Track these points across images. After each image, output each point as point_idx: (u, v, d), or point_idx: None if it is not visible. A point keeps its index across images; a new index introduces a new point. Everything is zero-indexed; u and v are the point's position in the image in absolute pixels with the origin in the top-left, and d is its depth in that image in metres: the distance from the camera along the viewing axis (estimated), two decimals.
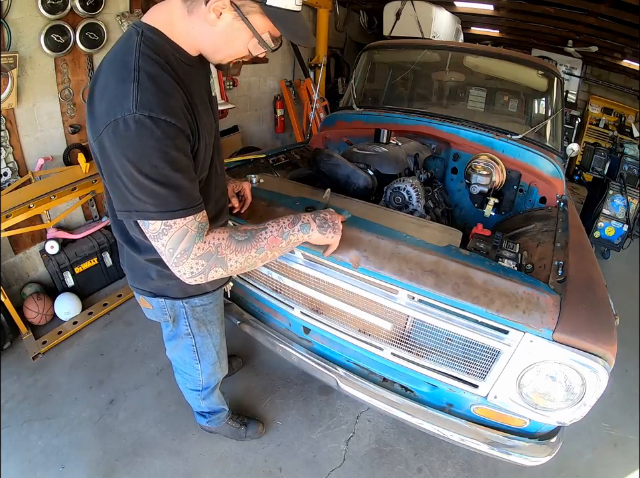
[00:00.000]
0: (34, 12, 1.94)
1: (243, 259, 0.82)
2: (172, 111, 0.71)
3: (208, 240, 0.79)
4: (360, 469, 1.59)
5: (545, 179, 1.74)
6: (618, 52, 4.29)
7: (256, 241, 0.84)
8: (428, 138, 1.99)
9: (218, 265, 0.80)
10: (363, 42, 4.87)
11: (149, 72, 0.71)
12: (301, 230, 0.91)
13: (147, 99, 0.68)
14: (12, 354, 2.00)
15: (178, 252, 0.76)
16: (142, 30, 0.75)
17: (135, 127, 0.67)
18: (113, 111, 0.68)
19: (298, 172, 1.92)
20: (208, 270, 0.79)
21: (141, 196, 0.71)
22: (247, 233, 0.84)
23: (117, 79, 0.70)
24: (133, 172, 0.69)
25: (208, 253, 0.78)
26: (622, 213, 3.28)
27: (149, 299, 1.06)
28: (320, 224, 0.94)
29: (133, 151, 0.68)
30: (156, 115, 0.68)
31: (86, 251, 2.36)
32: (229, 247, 0.80)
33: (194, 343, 1.18)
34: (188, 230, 0.76)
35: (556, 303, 0.98)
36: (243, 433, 1.62)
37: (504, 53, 2.32)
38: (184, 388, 1.42)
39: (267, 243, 0.85)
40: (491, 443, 1.15)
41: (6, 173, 2.06)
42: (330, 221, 0.96)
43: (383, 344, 1.20)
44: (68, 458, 1.54)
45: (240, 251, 0.81)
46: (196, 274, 0.79)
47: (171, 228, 0.74)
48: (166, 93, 0.71)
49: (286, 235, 0.88)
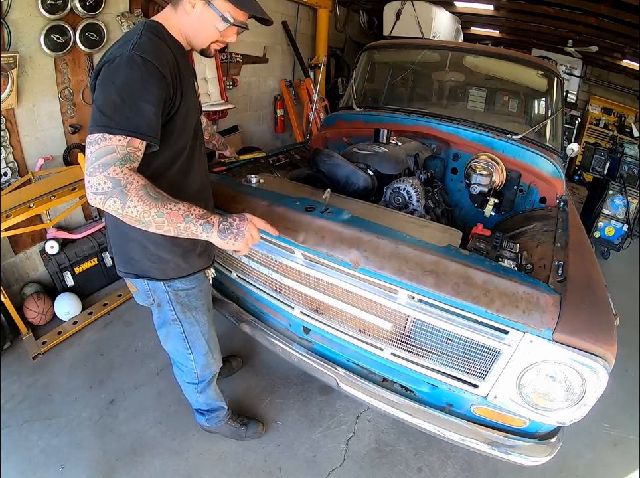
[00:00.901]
0: (34, 12, 1.94)
1: (142, 210, 0.83)
2: (160, 60, 0.87)
3: (125, 172, 0.82)
4: (360, 469, 1.59)
5: (545, 179, 1.74)
6: (618, 52, 4.29)
7: (161, 205, 0.85)
8: (428, 138, 1.99)
9: (119, 198, 0.82)
10: (363, 42, 4.88)
11: (150, 36, 0.90)
12: (202, 226, 0.92)
13: (141, 46, 0.86)
14: (12, 354, 2.00)
15: (97, 163, 0.81)
16: (146, 22, 0.96)
17: (127, 60, 0.84)
18: (115, 52, 0.86)
19: (298, 172, 1.92)
20: (108, 196, 0.82)
21: (110, 113, 0.82)
22: (161, 195, 0.86)
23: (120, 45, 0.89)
24: (111, 94, 0.83)
25: (117, 180, 0.81)
26: (622, 213, 3.28)
27: (134, 281, 1.13)
28: (222, 228, 0.94)
29: (119, 76, 0.84)
30: (146, 56, 0.85)
31: (86, 251, 2.37)
32: (137, 191, 0.82)
33: (183, 330, 1.22)
34: (115, 150, 0.82)
35: (556, 303, 0.97)
36: (243, 433, 1.62)
37: (504, 53, 2.32)
38: (181, 381, 1.45)
39: (169, 214, 0.86)
40: (491, 443, 1.15)
41: (6, 173, 2.06)
42: (235, 227, 0.95)
43: (383, 344, 1.20)
44: (68, 458, 1.54)
45: (144, 201, 0.83)
46: (99, 193, 0.82)
47: (105, 141, 0.82)
48: (159, 49, 0.90)
49: (188, 220, 0.89)
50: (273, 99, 4.40)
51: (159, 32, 0.95)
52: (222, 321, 1.66)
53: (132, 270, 1.10)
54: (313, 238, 1.18)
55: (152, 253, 1.05)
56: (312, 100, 3.86)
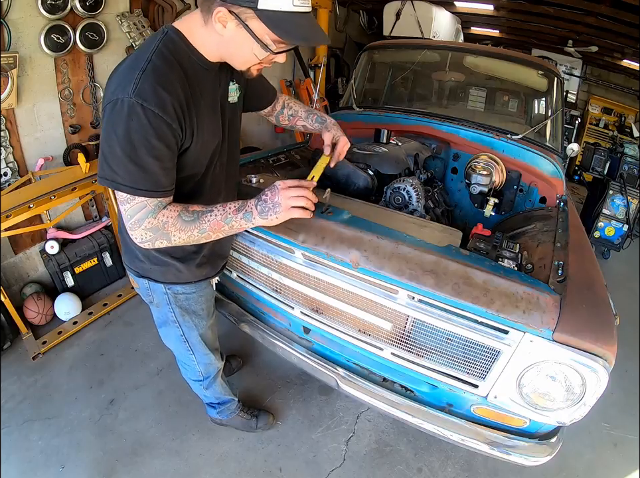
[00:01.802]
0: (34, 12, 1.94)
1: (186, 236, 0.91)
2: (164, 105, 0.78)
3: (159, 217, 0.87)
4: (360, 469, 1.59)
5: (545, 179, 1.74)
6: (618, 52, 4.29)
7: (200, 222, 0.91)
8: (428, 138, 1.99)
9: (163, 239, 0.89)
10: (363, 42, 4.87)
11: (157, 65, 0.79)
12: (243, 218, 0.95)
13: (144, 89, 0.76)
14: (12, 354, 2.00)
15: (134, 220, 0.86)
16: (167, 31, 0.85)
17: (128, 109, 0.76)
18: (117, 92, 0.78)
19: (298, 172, 1.92)
20: (154, 240, 0.89)
21: (114, 166, 0.80)
22: (195, 214, 0.91)
23: (131, 65, 0.80)
24: (115, 146, 0.78)
25: (155, 227, 0.87)
26: (622, 213, 3.28)
27: (136, 278, 1.14)
28: (261, 209, 0.95)
29: (120, 127, 0.77)
30: (147, 105, 0.76)
31: (86, 251, 2.36)
32: (174, 225, 0.88)
33: (182, 333, 1.22)
34: (146, 205, 0.85)
35: (556, 303, 0.97)
36: (254, 424, 1.64)
37: (504, 53, 2.31)
38: (187, 378, 1.46)
39: (210, 226, 0.92)
40: (491, 443, 1.15)
41: (6, 173, 2.06)
42: (270, 202, 0.95)
43: (383, 344, 1.20)
44: (68, 458, 1.54)
45: (183, 230, 0.90)
46: (145, 241, 0.89)
47: (134, 200, 0.84)
48: (163, 88, 0.79)
49: (229, 221, 0.93)
50: None
51: (175, 50, 0.83)
52: (222, 321, 1.65)
53: (134, 268, 1.12)
54: (313, 238, 1.18)
55: (154, 255, 1.05)
56: (312, 100, 3.86)
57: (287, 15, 0.77)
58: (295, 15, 0.78)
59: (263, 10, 0.75)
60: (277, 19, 0.76)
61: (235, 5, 0.75)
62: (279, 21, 0.76)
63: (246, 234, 1.36)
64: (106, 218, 2.58)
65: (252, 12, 0.75)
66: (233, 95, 1.04)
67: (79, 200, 2.28)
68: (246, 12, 0.76)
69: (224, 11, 0.76)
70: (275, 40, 0.80)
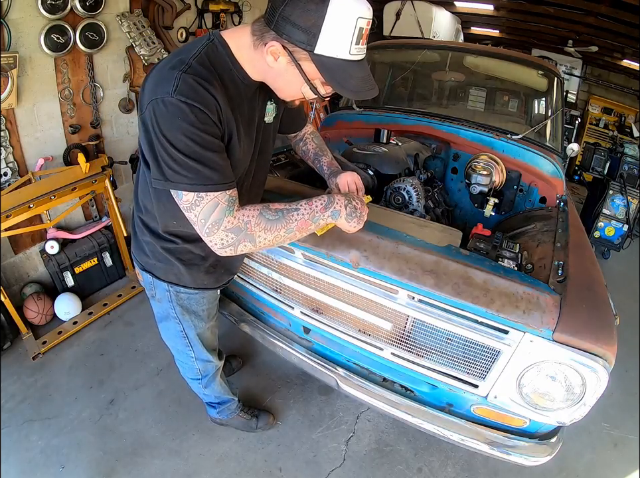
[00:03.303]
0: (34, 12, 1.94)
1: (272, 237, 0.86)
2: (207, 103, 0.75)
3: (238, 216, 0.82)
4: (360, 469, 1.59)
5: (545, 179, 1.74)
6: (618, 52, 4.29)
7: (287, 221, 0.86)
8: (428, 138, 1.99)
9: (247, 241, 0.83)
10: None
11: (197, 70, 0.76)
12: (331, 215, 0.94)
13: (184, 88, 0.73)
14: (12, 354, 2.00)
15: (210, 223, 0.80)
16: (214, 39, 0.82)
17: (172, 108, 0.73)
18: (156, 91, 0.75)
19: (298, 172, 1.92)
20: (237, 243, 0.83)
21: (176, 167, 0.76)
22: (279, 212, 0.86)
23: (170, 65, 0.77)
24: (168, 147, 0.75)
25: (237, 227, 0.82)
26: (622, 213, 3.28)
27: (140, 271, 1.15)
28: (349, 212, 0.97)
29: (168, 128, 0.74)
30: (192, 102, 0.73)
31: (86, 251, 2.36)
32: (258, 225, 0.83)
33: (183, 329, 1.21)
34: (219, 202, 0.79)
35: (556, 303, 0.97)
36: (254, 424, 1.64)
37: (504, 53, 2.32)
38: (186, 377, 1.46)
39: (297, 225, 0.88)
40: (491, 443, 1.15)
41: (6, 173, 2.06)
42: (359, 211, 0.99)
43: (383, 344, 1.20)
44: (68, 458, 1.54)
45: (269, 229, 0.84)
46: (226, 246, 0.83)
47: (203, 200, 0.78)
48: (205, 88, 0.75)
49: (316, 219, 0.91)
50: None
51: (217, 60, 0.80)
52: (222, 321, 1.65)
53: (141, 261, 1.12)
54: (313, 238, 1.18)
55: (159, 252, 1.04)
56: None
57: (342, 63, 0.75)
58: (350, 64, 0.76)
59: (320, 56, 0.73)
60: (331, 67, 0.74)
61: (290, 43, 0.73)
62: (333, 70, 0.75)
63: None
64: (106, 218, 2.58)
65: (307, 54, 0.74)
66: (269, 115, 1.00)
67: (79, 200, 2.28)
68: (301, 52, 0.74)
69: (277, 46, 0.74)
70: (325, 84, 0.80)
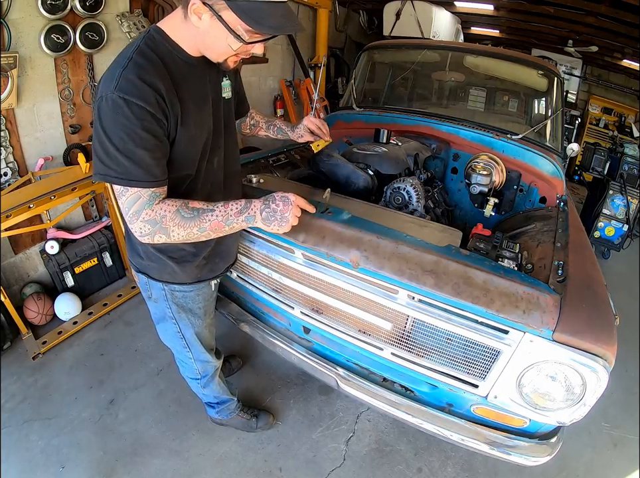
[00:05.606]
0: (34, 12, 1.94)
1: (185, 233, 0.91)
2: (145, 97, 0.80)
3: (156, 209, 0.88)
4: (360, 468, 1.59)
5: (545, 179, 1.74)
6: (618, 52, 4.29)
7: (200, 221, 0.91)
8: (428, 138, 1.99)
9: (162, 233, 0.90)
10: (363, 42, 4.87)
11: (138, 62, 0.81)
12: (245, 220, 0.95)
13: (125, 84, 0.78)
14: (12, 354, 2.00)
15: (131, 212, 0.87)
16: (150, 30, 0.88)
17: (112, 104, 0.78)
18: (102, 88, 0.81)
19: (298, 172, 1.92)
20: (153, 234, 0.90)
21: (107, 161, 0.82)
22: (195, 211, 0.91)
23: (115, 63, 0.83)
24: (105, 141, 0.80)
25: (153, 220, 0.88)
26: (622, 213, 3.28)
27: (136, 273, 1.16)
28: (265, 216, 0.96)
29: (107, 123, 0.80)
30: (129, 98, 0.78)
31: (86, 251, 2.36)
32: (173, 220, 0.89)
33: (180, 329, 1.22)
34: (141, 196, 0.86)
35: (556, 303, 0.97)
36: (254, 424, 1.64)
37: (504, 53, 2.31)
38: (185, 376, 1.46)
39: (210, 225, 0.92)
40: (491, 443, 1.15)
41: (6, 173, 2.06)
42: (279, 213, 0.97)
43: (383, 344, 1.20)
44: (68, 458, 1.54)
45: (182, 226, 0.90)
46: (144, 235, 0.90)
47: (128, 191, 0.85)
48: (143, 81, 0.80)
49: (230, 222, 0.94)
50: (273, 99, 4.40)
51: (156, 47, 0.85)
52: (222, 321, 1.66)
53: (135, 263, 1.14)
54: (313, 238, 1.18)
55: (152, 252, 1.06)
56: (312, 100, 3.86)
57: (260, 5, 0.78)
58: (267, 4, 0.79)
59: (235, 1, 0.76)
60: (248, 9, 0.77)
61: None
62: (251, 11, 0.77)
63: (246, 234, 1.36)
64: (106, 218, 2.58)
65: (224, 3, 0.77)
66: (227, 90, 1.05)
67: (79, 200, 2.28)
68: (219, 3, 0.77)
69: (198, 3, 0.78)
70: (248, 31, 0.81)
